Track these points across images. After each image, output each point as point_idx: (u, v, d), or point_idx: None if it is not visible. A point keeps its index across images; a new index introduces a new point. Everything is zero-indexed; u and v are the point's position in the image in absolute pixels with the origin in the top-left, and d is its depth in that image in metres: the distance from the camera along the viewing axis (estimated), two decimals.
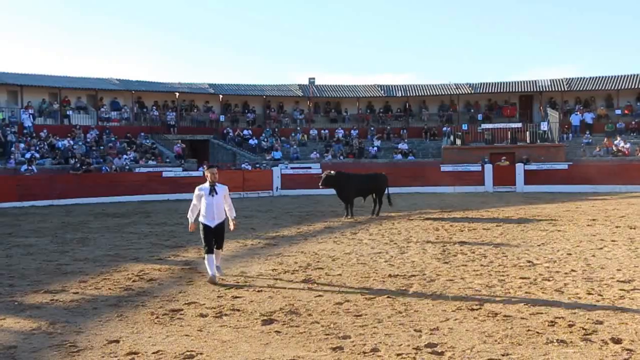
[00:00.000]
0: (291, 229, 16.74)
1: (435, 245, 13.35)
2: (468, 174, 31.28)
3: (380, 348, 6.33)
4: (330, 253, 12.58)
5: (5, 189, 24.61)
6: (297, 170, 32.17)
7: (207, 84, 39.83)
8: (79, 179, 27.44)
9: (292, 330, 7.03)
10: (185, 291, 9.17)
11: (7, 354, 6.29)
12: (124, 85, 37.11)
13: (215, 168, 10.22)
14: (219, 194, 9.84)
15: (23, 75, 34.59)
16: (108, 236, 15.64)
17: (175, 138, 35.70)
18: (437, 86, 41.13)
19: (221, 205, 9.88)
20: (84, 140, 32.34)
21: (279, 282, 9.77)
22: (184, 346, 6.48)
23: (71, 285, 9.70)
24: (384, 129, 38.96)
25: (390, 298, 8.51)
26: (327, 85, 41.92)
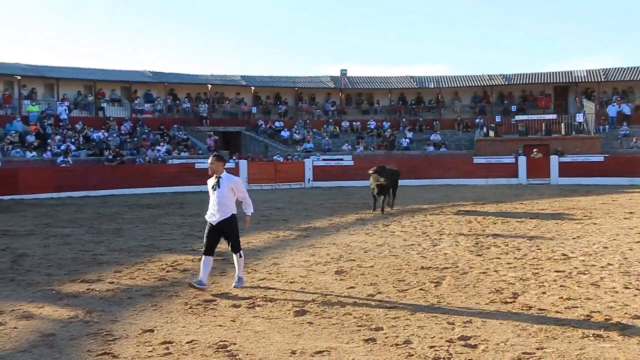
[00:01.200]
0: (323, 221, 16.75)
1: (468, 238, 13.26)
2: (501, 166, 30.98)
3: (412, 340, 6.31)
4: (362, 245, 12.57)
5: (42, 180, 25.03)
6: (328, 162, 32.16)
7: (239, 75, 39.99)
8: (114, 170, 27.79)
9: (324, 322, 7.04)
10: (218, 282, 9.24)
11: (46, 342, 6.41)
12: (157, 77, 37.43)
13: (213, 157, 8.85)
14: (221, 187, 8.63)
15: (59, 69, 35.09)
16: (142, 227, 15.82)
17: (207, 130, 35.94)
18: (470, 77, 40.76)
19: (224, 200, 8.64)
20: (118, 132, 32.74)
21: (311, 273, 9.79)
22: (217, 336, 6.54)
23: (107, 275, 9.83)
24: (416, 121, 38.76)
25: (423, 290, 8.48)
26: (359, 77, 41.81)
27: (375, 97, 41.05)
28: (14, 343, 6.38)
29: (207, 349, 6.12)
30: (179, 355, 5.98)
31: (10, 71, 32.84)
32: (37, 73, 33.63)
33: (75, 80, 34.52)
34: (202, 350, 6.10)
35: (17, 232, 14.90)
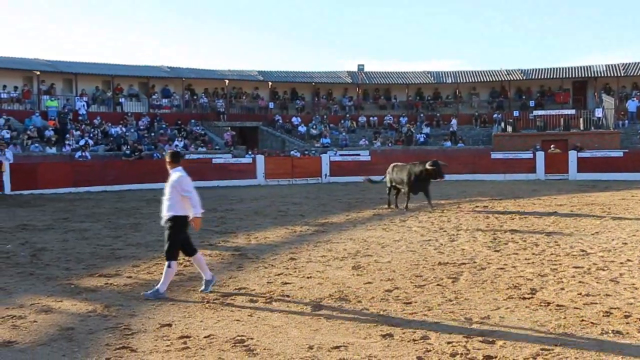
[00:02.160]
0: (340, 216, 16.74)
1: (486, 233, 13.19)
2: (519, 161, 30.77)
3: (430, 336, 6.29)
4: (380, 240, 12.54)
5: (61, 175, 25.23)
6: (345, 157, 32.13)
7: (256, 71, 40.03)
8: (131, 165, 27.93)
9: (341, 317, 7.04)
10: (235, 277, 9.26)
11: (65, 335, 6.46)
12: (175, 72, 37.56)
13: (167, 152, 8.62)
14: (166, 185, 8.25)
15: (78, 64, 35.31)
16: (159, 222, 15.84)
17: (224, 125, 36.03)
18: (488, 72, 40.52)
19: (166, 198, 8.21)
20: (136, 127, 32.91)
21: (328, 268, 9.79)
22: (235, 331, 6.55)
23: (125, 269, 9.89)
24: (433, 116, 38.62)
25: (440, 286, 8.45)
26: (376, 72, 41.71)
27: (393, 92, 40.93)
28: (34, 336, 6.44)
29: (225, 344, 6.14)
30: (197, 349, 6.00)
31: (29, 67, 33.11)
32: (56, 68, 33.87)
33: (94, 75, 34.73)
34: (219, 344, 6.12)
35: (36, 226, 15.03)
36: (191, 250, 8.37)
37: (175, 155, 8.42)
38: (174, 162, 8.34)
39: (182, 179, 8.15)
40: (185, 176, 8.21)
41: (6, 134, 28.02)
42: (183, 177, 8.18)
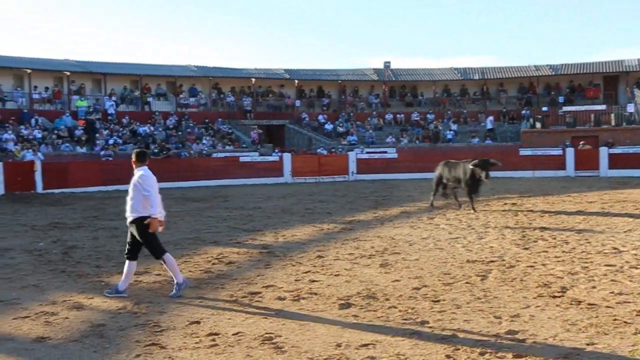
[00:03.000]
0: (367, 214, 16.71)
1: (515, 231, 13.06)
2: (548, 158, 30.41)
3: (459, 334, 6.25)
4: (407, 238, 12.49)
5: (90, 173, 25.52)
6: (372, 154, 32.05)
7: (282, 69, 40.11)
8: (159, 164, 28.13)
9: (369, 315, 7.02)
10: (263, 274, 9.29)
11: (96, 332, 6.54)
12: (202, 71, 37.78)
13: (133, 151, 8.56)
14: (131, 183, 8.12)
15: (106, 64, 35.70)
16: (188, 220, 16.00)
17: (251, 123, 36.17)
18: (516, 68, 40.15)
19: (129, 198, 8.11)
20: (163, 126, 33.16)
21: (355, 266, 9.77)
22: (263, 328, 6.57)
23: (154, 267, 9.96)
24: (460, 113, 38.36)
25: (469, 284, 8.38)
26: (402, 69, 41.56)
27: (419, 89, 40.74)
28: (66, 333, 6.52)
29: (253, 341, 6.16)
30: (225, 346, 6.03)
31: (59, 67, 33.55)
32: (85, 69, 34.27)
33: (122, 75, 35.09)
34: (248, 342, 6.14)
35: (67, 224, 15.22)
36: (134, 254, 8.19)
37: (140, 155, 8.27)
38: (139, 162, 8.19)
39: (143, 178, 8.01)
40: (148, 176, 8.05)
41: (38, 133, 28.42)
42: (145, 176, 8.03)
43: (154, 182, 8.03)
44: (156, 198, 7.98)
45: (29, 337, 6.41)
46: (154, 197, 7.93)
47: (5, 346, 6.12)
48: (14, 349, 6.03)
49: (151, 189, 7.94)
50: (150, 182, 7.99)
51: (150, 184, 7.98)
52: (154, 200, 7.92)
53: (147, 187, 7.93)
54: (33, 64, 32.76)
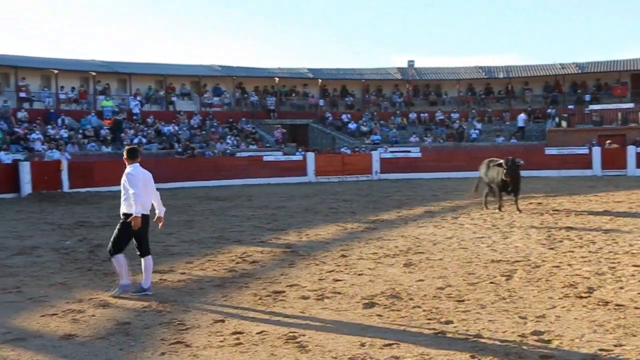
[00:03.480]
0: (391, 213, 16.67)
1: (540, 231, 12.95)
2: (574, 157, 30.11)
3: (483, 334, 6.21)
4: (431, 237, 12.44)
5: (116, 173, 25.62)
6: (396, 154, 31.97)
7: (306, 68, 40.15)
8: (184, 163, 28.33)
9: (393, 314, 7.00)
10: (287, 273, 9.30)
11: (121, 330, 6.60)
12: (226, 71, 37.94)
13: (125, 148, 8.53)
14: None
15: (131, 64, 36.00)
16: (212, 219, 16.08)
17: (275, 123, 36.25)
18: (541, 66, 39.78)
19: (122, 194, 8.14)
20: (188, 126, 33.36)
21: (379, 265, 9.75)
22: (287, 327, 6.58)
23: (178, 265, 10.04)
24: (484, 112, 38.10)
25: (494, 284, 8.33)
26: (426, 68, 41.40)
27: (443, 88, 40.54)
28: (92, 330, 6.59)
29: (277, 340, 6.17)
30: (250, 345, 6.05)
31: (85, 68, 33.91)
32: (111, 69, 34.59)
33: (147, 75, 35.36)
34: (272, 341, 6.16)
35: (93, 223, 15.38)
36: (119, 249, 8.15)
37: (130, 152, 8.26)
38: (130, 159, 8.18)
39: (128, 177, 8.01)
40: (134, 174, 8.04)
41: (64, 133, 28.73)
42: (130, 174, 8.03)
43: (138, 181, 8.00)
44: (140, 197, 7.93)
45: (57, 334, 6.48)
46: (137, 196, 7.90)
47: (34, 343, 6.20)
48: (42, 346, 6.11)
49: (135, 187, 7.93)
50: (135, 180, 7.98)
51: (135, 182, 7.97)
52: (137, 199, 7.89)
53: (131, 186, 7.93)
54: (60, 64, 33.13)
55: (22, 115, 29.06)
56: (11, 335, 6.43)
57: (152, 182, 8.29)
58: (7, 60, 31.62)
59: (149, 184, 8.19)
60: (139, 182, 7.99)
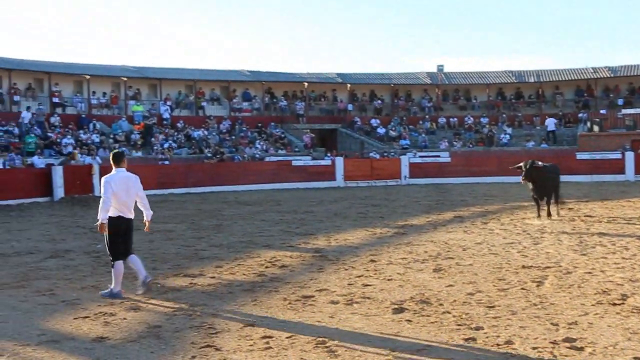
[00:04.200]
0: (420, 218, 16.60)
1: (572, 237, 12.79)
2: (607, 162, 29.69)
3: (514, 341, 6.16)
4: (461, 242, 12.36)
5: (146, 177, 25.85)
6: (425, 158, 31.85)
7: (334, 73, 40.17)
8: (213, 167, 28.51)
9: (423, 320, 6.97)
10: (316, 278, 9.31)
11: (153, 333, 6.66)
12: (255, 76, 38.12)
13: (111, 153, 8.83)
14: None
15: (162, 69, 36.34)
16: (241, 223, 16.16)
17: (304, 127, 36.32)
18: (573, 70, 39.32)
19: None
20: (217, 131, 33.57)
21: (409, 270, 9.71)
22: (316, 332, 6.59)
23: (208, 269, 10.10)
24: (515, 116, 37.77)
25: (525, 290, 8.24)
26: (455, 72, 41.17)
27: (473, 92, 40.28)
28: (124, 333, 6.66)
29: (307, 345, 6.18)
30: (279, 349, 6.07)
31: (117, 73, 34.32)
32: (142, 74, 34.97)
33: (177, 80, 35.68)
34: (301, 345, 6.17)
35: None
36: (117, 254, 8.34)
37: (115, 156, 8.46)
38: (114, 163, 8.38)
39: (104, 181, 8.18)
40: (109, 180, 8.16)
41: (96, 138, 29.10)
42: (106, 180, 8.17)
43: (108, 186, 8.08)
44: (108, 203, 8.03)
45: (89, 336, 6.57)
46: (105, 203, 8.01)
47: (67, 345, 6.29)
48: (75, 348, 6.20)
49: (106, 194, 8.03)
50: (106, 186, 8.09)
51: (106, 188, 8.07)
52: (104, 205, 8.01)
53: (103, 192, 8.07)
54: (92, 70, 33.59)
55: (55, 120, 29.50)
56: (45, 337, 6.53)
57: (138, 185, 8.46)
58: (40, 66, 32.16)
59: (132, 188, 8.34)
60: (112, 187, 8.09)
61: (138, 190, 8.43)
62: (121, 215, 8.21)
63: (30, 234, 14.54)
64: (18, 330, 6.80)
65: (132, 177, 8.39)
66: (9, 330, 6.83)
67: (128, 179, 8.34)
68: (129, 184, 8.30)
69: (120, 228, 8.25)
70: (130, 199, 8.31)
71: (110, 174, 8.29)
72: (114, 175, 8.25)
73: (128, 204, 8.30)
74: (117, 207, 8.17)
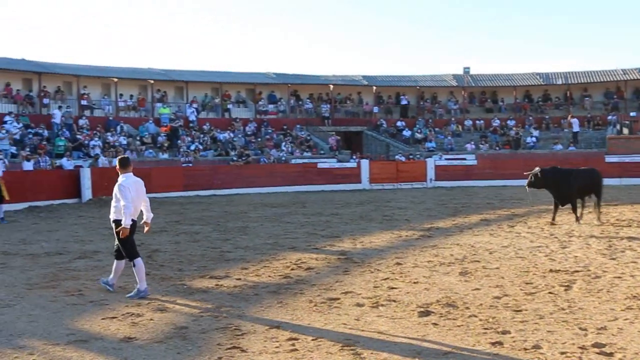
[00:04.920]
0: (446, 221, 16.51)
1: (600, 240, 12.64)
2: (637, 165, 29.29)
3: (542, 345, 6.10)
4: (487, 246, 12.27)
5: (172, 179, 26.19)
6: (451, 161, 31.68)
7: (360, 75, 40.13)
8: (239, 169, 28.63)
9: (449, 323, 6.93)
10: (341, 280, 9.30)
11: (179, 334, 6.71)
12: (280, 78, 38.22)
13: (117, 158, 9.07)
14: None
15: (188, 72, 36.58)
16: (267, 225, 16.20)
17: (329, 130, 36.32)
18: (602, 72, 38.79)
19: (113, 202, 8.50)
20: (243, 133, 33.70)
21: (435, 273, 9.67)
22: (342, 334, 6.59)
23: (234, 271, 10.14)
24: (542, 119, 37.41)
25: (552, 294, 8.17)
26: (482, 75, 40.88)
27: (500, 94, 39.95)
28: (151, 334, 6.72)
29: (332, 347, 6.18)
30: (305, 351, 6.07)
31: (144, 76, 34.61)
32: (168, 77, 35.24)
33: (203, 83, 35.88)
34: (327, 347, 6.17)
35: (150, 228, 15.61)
36: (121, 254, 8.56)
37: (122, 161, 8.65)
38: (122, 168, 8.54)
39: (121, 187, 8.33)
40: (126, 185, 8.35)
41: (123, 140, 29.38)
42: (122, 185, 8.34)
43: (129, 192, 8.30)
44: (130, 208, 8.23)
45: (117, 336, 6.63)
46: (128, 208, 8.21)
47: (95, 345, 6.36)
48: (103, 348, 6.26)
49: (124, 197, 8.23)
50: (126, 192, 8.28)
51: (126, 194, 8.27)
52: (127, 210, 8.21)
53: (123, 198, 8.26)
54: (119, 72, 33.93)
55: (84, 123, 29.83)
56: (74, 337, 6.61)
57: (143, 189, 8.71)
58: (69, 69, 32.56)
59: (140, 192, 8.58)
60: (129, 192, 8.31)
61: (144, 193, 8.70)
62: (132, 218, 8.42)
63: (59, 235, 14.73)
64: (48, 330, 6.89)
65: (139, 181, 8.67)
66: (39, 329, 6.92)
67: (137, 183, 8.60)
68: (139, 188, 8.56)
69: (134, 230, 8.51)
70: (140, 202, 8.58)
71: (123, 179, 8.48)
72: (127, 181, 8.47)
73: (138, 207, 8.57)
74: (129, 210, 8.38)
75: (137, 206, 8.51)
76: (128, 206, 8.23)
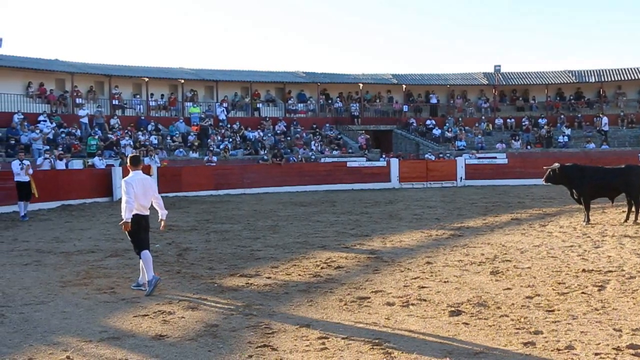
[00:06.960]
0: (476, 220, 16.39)
1: (635, 240, 12.43)
2: None
3: (575, 346, 6.02)
4: (518, 245, 12.15)
5: (203, 178, 26.37)
6: (482, 160, 31.44)
7: (390, 74, 39.99)
8: (268, 168, 28.71)
9: (480, 323, 6.88)
10: (371, 279, 9.28)
11: (210, 332, 6.75)
12: (310, 77, 38.25)
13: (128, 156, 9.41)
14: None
15: (218, 71, 36.78)
16: (296, 224, 16.22)
17: (359, 129, 36.27)
18: (636, 70, 38.18)
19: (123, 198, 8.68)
20: (272, 132, 33.81)
21: (465, 273, 9.60)
22: (372, 333, 6.57)
23: (264, 270, 10.18)
24: (574, 117, 36.93)
25: (585, 294, 8.05)
26: (513, 73, 40.45)
27: (531, 93, 39.54)
28: (182, 332, 6.77)
29: (363, 346, 6.17)
30: (335, 350, 6.07)
31: (174, 75, 34.91)
32: (199, 77, 35.48)
33: (233, 82, 36.05)
34: (357, 346, 6.16)
35: (181, 227, 15.78)
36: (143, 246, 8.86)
37: (132, 159, 8.92)
38: (132, 166, 8.83)
39: (125, 184, 8.57)
40: (130, 182, 8.58)
41: (154, 139, 29.65)
42: (127, 182, 8.58)
43: (133, 188, 8.53)
44: (132, 204, 8.50)
45: (148, 334, 6.70)
46: (129, 203, 8.48)
47: (127, 342, 6.43)
48: (135, 345, 6.33)
49: (129, 195, 8.49)
50: (128, 188, 8.53)
51: (128, 189, 8.52)
52: (129, 206, 8.49)
53: (125, 193, 8.53)
54: (150, 72, 34.25)
55: (115, 122, 30.17)
56: (107, 334, 6.69)
57: (154, 187, 9.10)
58: (101, 69, 32.96)
59: (149, 190, 8.87)
60: (134, 189, 8.55)
61: (154, 191, 8.98)
62: (138, 213, 8.68)
63: (91, 233, 14.91)
64: (81, 327, 6.99)
65: (148, 179, 9.01)
66: (73, 326, 7.02)
67: (145, 180, 8.88)
68: (146, 186, 8.82)
69: (141, 224, 8.75)
70: (147, 199, 8.83)
71: (129, 176, 8.76)
72: (133, 177, 8.73)
73: (145, 204, 8.80)
74: (136, 206, 8.64)
75: (143, 203, 8.75)
76: (129, 201, 8.50)
